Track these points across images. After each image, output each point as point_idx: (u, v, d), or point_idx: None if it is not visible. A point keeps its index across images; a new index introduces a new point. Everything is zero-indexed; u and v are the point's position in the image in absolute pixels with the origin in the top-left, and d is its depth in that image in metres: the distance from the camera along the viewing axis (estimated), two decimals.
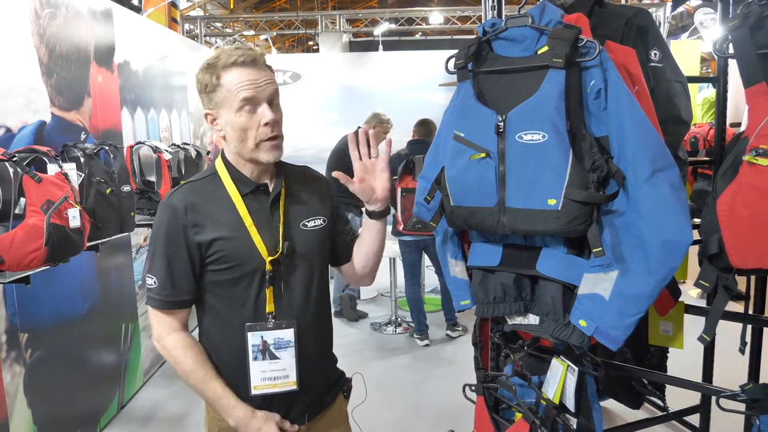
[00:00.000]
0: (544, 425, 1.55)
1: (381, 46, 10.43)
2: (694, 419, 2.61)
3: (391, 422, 3.08)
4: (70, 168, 2.08)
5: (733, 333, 1.74)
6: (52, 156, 2.02)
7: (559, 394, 1.57)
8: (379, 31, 10.73)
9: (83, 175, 2.25)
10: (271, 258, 1.29)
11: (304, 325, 1.33)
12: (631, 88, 1.35)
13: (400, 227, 3.97)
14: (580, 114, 1.33)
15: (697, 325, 1.55)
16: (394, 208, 3.90)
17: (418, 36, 15.06)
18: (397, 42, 12.13)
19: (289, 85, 7.84)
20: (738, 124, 4.97)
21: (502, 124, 1.38)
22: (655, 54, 1.68)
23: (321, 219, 1.40)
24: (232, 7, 14.33)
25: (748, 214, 1.33)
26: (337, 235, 1.48)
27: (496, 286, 1.52)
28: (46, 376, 2.56)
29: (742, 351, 1.69)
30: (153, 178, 3.11)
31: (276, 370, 1.31)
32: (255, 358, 1.30)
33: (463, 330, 4.35)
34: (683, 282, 4.35)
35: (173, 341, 1.32)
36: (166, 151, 3.07)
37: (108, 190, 2.38)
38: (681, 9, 10.40)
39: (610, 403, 2.75)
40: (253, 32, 11.94)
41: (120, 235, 2.55)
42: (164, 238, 1.31)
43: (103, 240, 2.41)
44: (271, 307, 1.30)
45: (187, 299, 1.33)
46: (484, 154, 1.41)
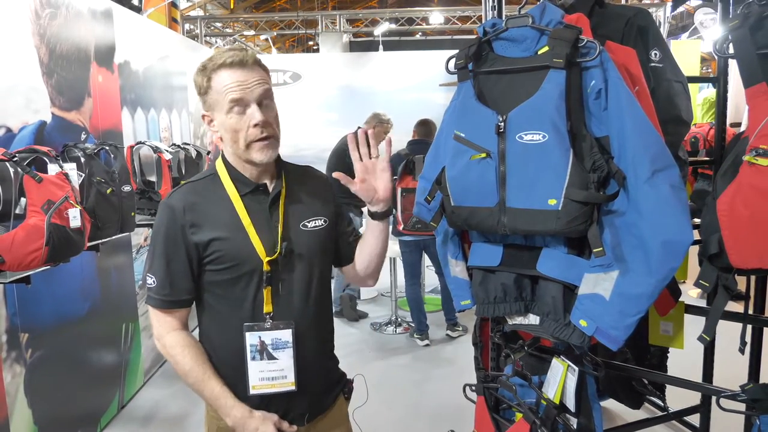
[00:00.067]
0: (545, 425, 1.55)
1: (381, 46, 10.44)
2: (695, 419, 2.61)
3: (392, 422, 3.08)
4: (71, 168, 2.08)
5: (733, 333, 1.74)
6: (53, 156, 2.02)
7: (560, 394, 1.57)
8: (379, 31, 10.74)
9: (84, 175, 2.25)
10: (268, 258, 1.28)
11: (304, 326, 1.33)
12: (632, 89, 1.35)
13: (401, 227, 3.96)
14: (581, 114, 1.33)
15: (698, 325, 1.55)
16: (395, 208, 3.90)
17: (419, 36, 15.07)
18: (397, 42, 12.15)
19: (289, 85, 7.84)
20: (738, 124, 4.97)
21: (503, 124, 1.38)
22: (656, 54, 1.68)
23: (322, 219, 1.39)
24: (232, 7, 14.34)
25: (748, 214, 1.34)
26: (339, 236, 1.46)
27: (496, 286, 1.52)
28: (47, 376, 2.56)
29: (741, 351, 1.69)
30: (153, 178, 3.11)
31: (274, 370, 1.30)
32: (253, 358, 1.30)
33: (463, 330, 4.35)
34: (683, 282, 4.35)
35: (172, 340, 1.32)
36: (167, 151, 3.07)
37: (108, 190, 2.38)
38: (681, 9, 10.41)
39: (610, 403, 2.75)
40: (253, 32, 11.95)
41: (120, 235, 2.55)
42: (163, 239, 1.31)
43: (104, 240, 2.42)
44: (268, 307, 1.30)
45: (186, 299, 1.34)
46: (484, 155, 1.41)
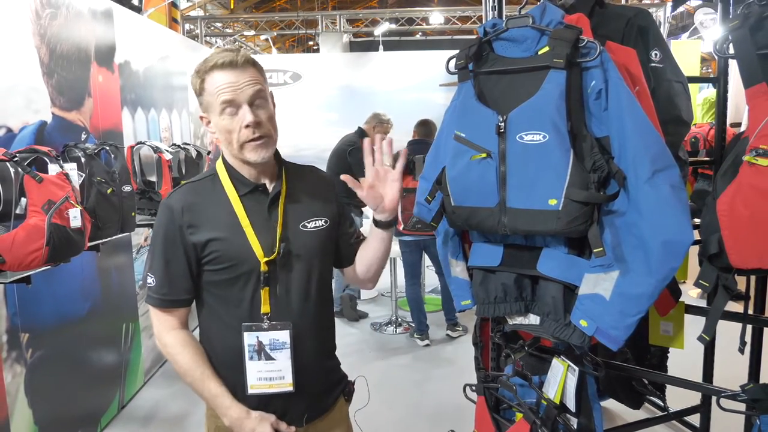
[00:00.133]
0: (545, 425, 1.56)
1: (381, 46, 10.45)
2: (695, 419, 2.60)
3: (392, 422, 3.08)
4: (71, 168, 2.08)
5: (733, 333, 1.74)
6: (53, 156, 2.02)
7: (560, 394, 1.57)
8: (379, 31, 10.74)
9: (84, 175, 2.25)
10: (266, 259, 1.28)
11: (303, 326, 1.32)
12: (632, 89, 1.35)
13: (401, 227, 3.96)
14: (581, 114, 1.33)
15: (698, 325, 1.55)
16: None
17: (419, 36, 15.07)
18: (397, 42, 12.16)
19: (290, 85, 7.85)
20: (738, 124, 4.97)
21: (503, 124, 1.38)
22: (656, 54, 1.68)
23: (323, 220, 1.38)
24: (232, 7, 14.34)
25: (748, 214, 1.34)
26: (340, 237, 1.45)
27: (496, 286, 1.52)
28: (47, 376, 2.56)
29: (741, 351, 1.69)
30: (154, 178, 3.11)
31: (272, 370, 1.30)
32: (251, 358, 1.29)
33: (463, 330, 4.35)
34: (683, 282, 4.34)
35: (171, 339, 1.33)
36: (167, 151, 3.07)
37: (109, 190, 2.38)
38: (681, 9, 10.41)
39: (610, 403, 2.75)
40: (253, 32, 11.96)
41: (121, 235, 2.55)
42: (162, 239, 1.32)
43: (104, 240, 2.42)
44: (266, 307, 1.29)
45: (185, 298, 1.34)
46: (484, 155, 1.41)
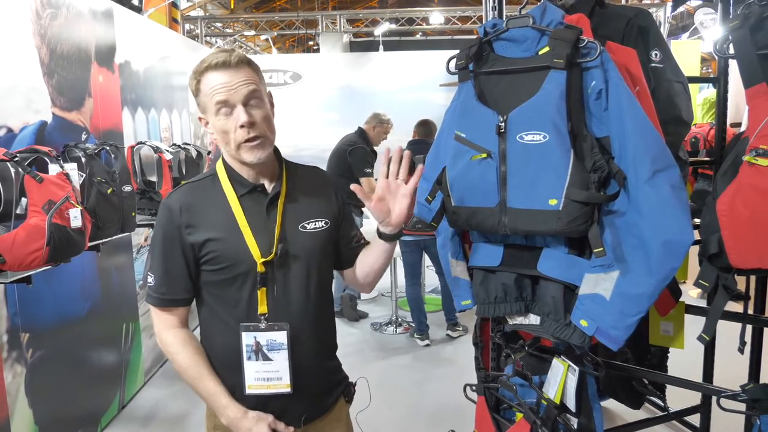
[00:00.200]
0: (545, 425, 1.56)
1: (381, 47, 10.45)
2: (695, 419, 2.61)
3: (392, 422, 3.08)
4: (72, 168, 2.08)
5: (733, 333, 1.74)
6: (54, 156, 2.02)
7: (560, 394, 1.57)
8: (379, 31, 10.75)
9: (84, 175, 2.25)
10: (263, 260, 1.28)
11: (302, 327, 1.32)
12: (632, 89, 1.35)
13: None
14: (581, 114, 1.34)
15: (698, 325, 1.55)
16: None
17: (419, 36, 15.08)
18: (397, 42, 12.16)
19: (290, 85, 7.85)
20: (738, 125, 4.97)
21: (503, 124, 1.38)
22: (656, 54, 1.68)
23: (323, 221, 1.37)
24: (232, 7, 14.34)
25: (748, 214, 1.34)
26: (340, 239, 1.44)
27: (497, 286, 1.52)
28: (48, 376, 2.56)
29: (741, 351, 1.69)
30: (154, 178, 3.11)
31: (269, 371, 1.29)
32: (249, 358, 1.29)
33: (463, 330, 4.35)
34: (684, 282, 4.34)
35: (171, 338, 1.33)
36: (167, 151, 3.07)
37: (109, 190, 2.38)
38: (681, 9, 10.41)
39: (610, 403, 2.75)
40: (253, 32, 11.96)
41: (121, 235, 2.55)
42: (161, 238, 1.32)
43: (104, 240, 2.42)
44: (263, 308, 1.29)
45: (184, 298, 1.34)
46: (485, 155, 1.41)
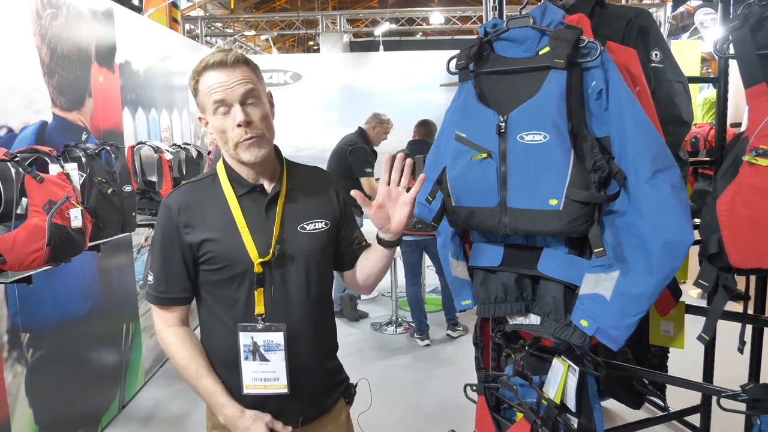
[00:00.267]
0: (545, 425, 1.56)
1: (381, 47, 10.45)
2: (695, 419, 2.61)
3: (392, 422, 3.08)
4: (72, 168, 2.08)
5: (733, 333, 1.74)
6: (54, 156, 2.02)
7: (560, 394, 1.57)
8: (379, 31, 10.75)
9: (85, 175, 2.26)
10: (260, 260, 1.27)
11: (300, 328, 1.31)
12: (632, 89, 1.35)
13: None
14: (582, 114, 1.34)
15: (698, 325, 1.56)
16: None
17: (419, 36, 15.08)
18: (397, 42, 12.17)
19: (290, 85, 7.86)
20: (738, 125, 4.97)
21: (504, 124, 1.38)
22: (656, 54, 1.69)
23: (323, 222, 1.37)
24: (232, 7, 14.34)
25: (748, 214, 1.34)
26: (341, 241, 1.43)
27: (497, 286, 1.53)
28: (48, 376, 2.56)
29: (741, 350, 1.69)
30: (154, 178, 3.11)
31: (266, 371, 1.29)
32: (246, 358, 1.29)
33: (463, 330, 4.35)
34: (684, 282, 4.34)
35: (170, 336, 1.34)
36: (167, 151, 3.07)
37: (109, 190, 2.38)
38: (681, 9, 10.41)
39: (610, 403, 2.75)
40: (253, 32, 11.97)
41: (121, 235, 2.55)
42: (160, 238, 1.33)
43: (105, 240, 2.42)
44: (260, 308, 1.29)
45: (183, 297, 1.34)
46: (485, 155, 1.41)
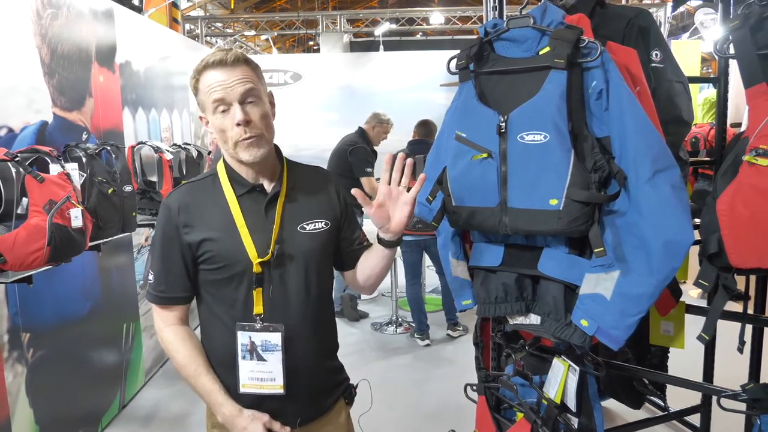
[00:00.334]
0: (546, 425, 1.56)
1: (382, 47, 10.46)
2: (695, 419, 2.61)
3: (392, 422, 3.09)
4: (72, 168, 2.08)
5: (733, 333, 1.74)
6: (54, 156, 2.02)
7: (561, 394, 1.57)
8: (379, 31, 10.75)
9: (85, 175, 2.26)
10: (259, 260, 1.27)
11: (300, 328, 1.31)
12: (633, 89, 1.35)
13: None
14: (582, 114, 1.34)
15: (698, 325, 1.56)
16: None
17: (419, 36, 15.08)
18: (397, 42, 12.17)
19: (290, 85, 7.86)
20: (738, 125, 4.97)
21: (504, 124, 1.38)
22: (657, 54, 1.69)
23: (323, 222, 1.36)
24: (232, 7, 14.34)
25: (748, 214, 1.34)
26: (341, 241, 1.43)
27: (497, 285, 1.53)
28: (48, 376, 2.56)
29: (740, 350, 1.69)
30: (154, 178, 3.11)
31: (263, 371, 1.29)
32: (243, 357, 1.29)
33: (463, 330, 4.35)
34: (684, 282, 4.35)
35: (169, 335, 1.34)
36: (168, 151, 3.07)
37: (110, 190, 2.38)
38: (681, 9, 10.41)
39: (611, 403, 2.75)
40: (253, 32, 11.97)
41: (122, 235, 2.55)
42: (160, 237, 1.33)
43: (105, 240, 2.42)
44: (258, 308, 1.29)
45: (182, 296, 1.34)
46: (485, 155, 1.41)
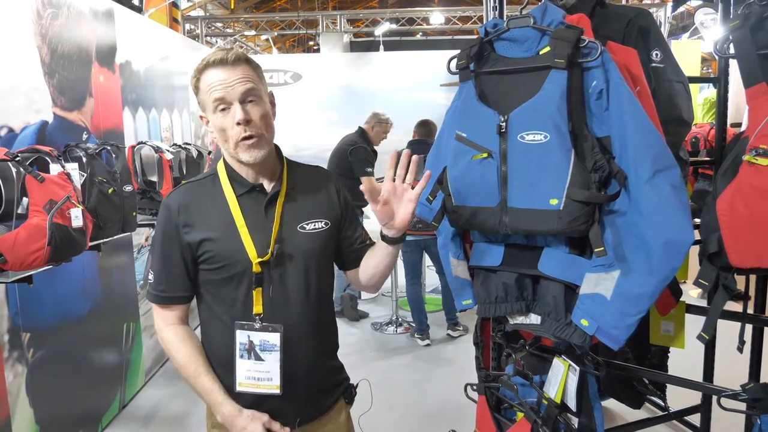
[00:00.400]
0: (546, 425, 1.56)
1: (382, 47, 10.45)
2: (695, 419, 2.61)
3: (392, 422, 3.09)
4: (73, 168, 2.08)
5: (733, 333, 1.74)
6: (55, 156, 2.02)
7: (561, 394, 1.58)
8: (379, 31, 10.75)
9: (85, 175, 2.26)
10: (259, 260, 1.27)
11: (300, 328, 1.31)
12: (633, 89, 1.35)
13: None
14: (582, 114, 1.34)
15: (698, 324, 1.56)
16: None
17: (419, 36, 15.07)
18: (397, 42, 12.16)
19: (290, 85, 7.85)
20: (738, 125, 4.97)
21: (504, 124, 1.39)
22: (657, 54, 1.69)
23: (323, 222, 1.36)
24: (232, 7, 14.34)
25: (748, 214, 1.34)
26: (342, 241, 1.43)
27: (497, 285, 1.53)
28: (48, 376, 2.56)
29: (740, 350, 1.69)
30: (155, 178, 3.11)
31: (260, 371, 1.29)
32: (241, 356, 1.29)
33: (464, 330, 4.35)
34: (684, 282, 4.34)
35: (170, 335, 1.34)
36: (168, 151, 3.07)
37: (110, 190, 2.38)
38: (682, 9, 10.41)
39: (611, 403, 2.75)
40: (253, 32, 11.97)
41: (122, 235, 2.55)
42: (160, 237, 1.33)
43: (105, 240, 2.42)
44: (258, 308, 1.29)
45: (182, 296, 1.34)
46: (486, 155, 1.41)
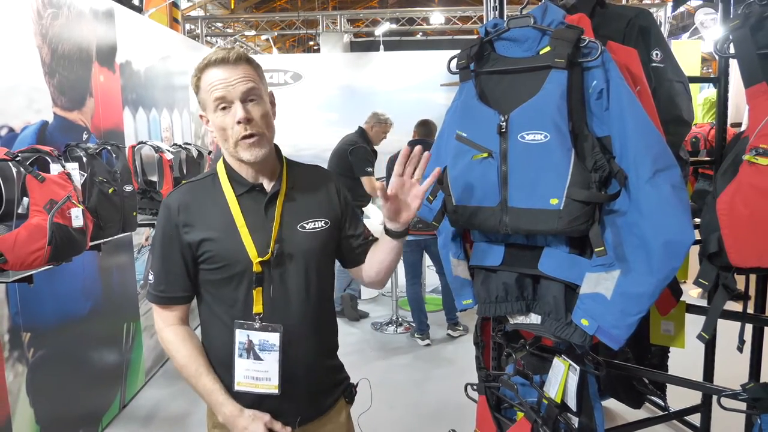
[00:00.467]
0: (546, 424, 1.56)
1: (382, 46, 10.44)
2: (695, 419, 2.61)
3: (392, 421, 3.09)
4: (73, 168, 2.08)
5: (733, 332, 1.74)
6: (55, 156, 2.03)
7: (561, 394, 1.58)
8: (380, 31, 10.75)
9: (86, 175, 2.26)
10: (259, 259, 1.27)
11: (299, 328, 1.31)
12: (633, 89, 1.35)
13: None
14: (582, 114, 1.34)
15: (699, 324, 1.56)
16: None
17: (419, 36, 15.07)
18: (397, 42, 12.15)
19: (290, 85, 7.85)
20: (738, 124, 4.97)
21: (505, 124, 1.39)
22: (657, 54, 1.69)
23: (323, 221, 1.36)
24: (232, 7, 14.34)
25: (748, 214, 1.34)
26: (343, 239, 1.43)
27: (498, 285, 1.53)
28: (49, 376, 2.56)
29: (740, 349, 1.70)
30: (155, 178, 3.11)
31: (259, 371, 1.29)
32: (240, 355, 1.29)
33: (464, 329, 4.35)
34: (684, 282, 4.34)
35: (170, 335, 1.34)
36: (168, 150, 3.07)
37: (110, 190, 2.38)
38: (682, 9, 10.41)
39: (611, 403, 2.75)
40: (254, 32, 11.96)
41: (122, 235, 2.56)
42: (160, 237, 1.33)
43: (106, 240, 2.42)
44: (258, 308, 1.29)
45: (182, 296, 1.34)
46: (486, 154, 1.42)
